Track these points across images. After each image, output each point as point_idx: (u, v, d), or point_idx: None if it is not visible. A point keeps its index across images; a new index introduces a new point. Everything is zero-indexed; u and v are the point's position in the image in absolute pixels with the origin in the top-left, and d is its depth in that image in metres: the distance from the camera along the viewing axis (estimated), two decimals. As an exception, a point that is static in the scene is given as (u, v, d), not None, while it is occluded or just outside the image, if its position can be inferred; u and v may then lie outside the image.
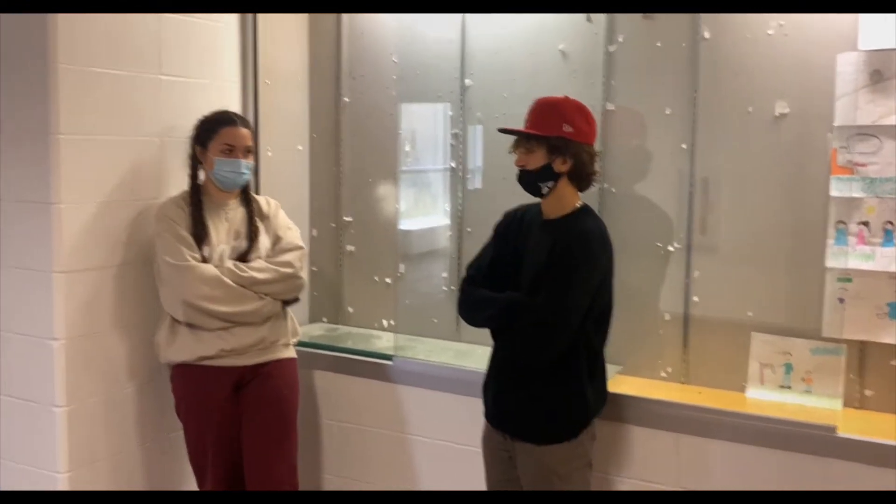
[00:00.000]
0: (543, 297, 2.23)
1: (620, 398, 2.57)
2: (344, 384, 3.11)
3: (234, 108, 3.08)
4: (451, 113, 3.17)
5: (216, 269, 2.61)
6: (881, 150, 2.42)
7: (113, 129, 2.69)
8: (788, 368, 2.61)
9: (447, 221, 3.23)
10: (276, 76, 3.30)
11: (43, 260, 2.57)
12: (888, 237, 2.44)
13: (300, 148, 3.47)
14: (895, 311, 2.46)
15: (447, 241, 3.23)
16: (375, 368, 3.04)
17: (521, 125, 2.34)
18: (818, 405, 2.54)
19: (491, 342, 2.46)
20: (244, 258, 2.70)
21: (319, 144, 3.48)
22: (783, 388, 2.61)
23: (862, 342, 2.54)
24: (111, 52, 2.66)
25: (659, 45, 2.75)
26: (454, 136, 3.17)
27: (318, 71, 3.46)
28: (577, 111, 2.31)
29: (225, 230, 2.71)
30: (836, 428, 2.36)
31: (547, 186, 2.31)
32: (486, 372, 2.49)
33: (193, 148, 2.72)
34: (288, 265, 2.73)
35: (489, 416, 2.48)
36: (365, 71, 3.35)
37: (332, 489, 3.17)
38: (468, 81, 3.11)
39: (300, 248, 2.80)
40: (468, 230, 3.16)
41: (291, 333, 2.85)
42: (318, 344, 3.21)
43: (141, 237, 2.77)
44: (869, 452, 2.30)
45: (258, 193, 3.16)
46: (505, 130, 2.37)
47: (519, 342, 2.29)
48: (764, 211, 2.65)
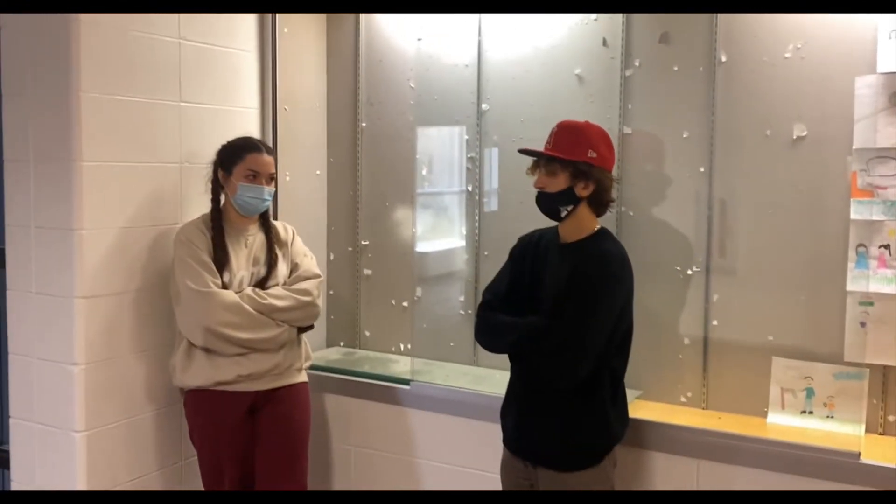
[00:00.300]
0: (567, 320, 2.21)
1: (640, 423, 2.55)
2: (361, 409, 3.10)
3: (252, 133, 3.11)
4: (467, 137, 3.18)
5: (237, 295, 2.63)
6: (901, 172, 2.40)
7: (134, 155, 2.72)
8: (810, 393, 2.58)
9: (463, 244, 3.23)
10: (294, 102, 3.34)
11: (65, 286, 2.60)
12: (910, 260, 2.42)
13: (318, 173, 3.50)
14: (918, 335, 2.44)
15: (464, 264, 3.23)
16: (392, 393, 3.03)
17: (537, 148, 2.34)
18: (840, 431, 2.51)
19: (508, 367, 2.45)
20: (262, 284, 2.72)
21: (337, 169, 3.51)
22: (804, 413, 2.58)
23: (885, 366, 2.51)
24: (132, 79, 2.70)
25: (676, 68, 2.75)
26: (470, 159, 3.18)
27: (335, 97, 3.49)
28: (601, 137, 2.31)
29: (245, 256, 2.73)
30: (859, 454, 2.32)
31: (566, 210, 2.30)
32: (504, 397, 2.48)
33: (216, 172, 2.73)
34: (306, 293, 2.74)
35: (509, 442, 2.45)
36: (382, 97, 3.38)
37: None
38: (485, 106, 3.12)
39: (318, 276, 2.83)
40: (485, 253, 3.16)
41: (304, 358, 2.86)
42: (335, 368, 3.21)
43: (160, 262, 2.79)
44: (893, 479, 2.26)
45: (276, 218, 3.19)
46: (527, 152, 2.36)
47: (544, 367, 2.26)
48: (783, 234, 2.63)
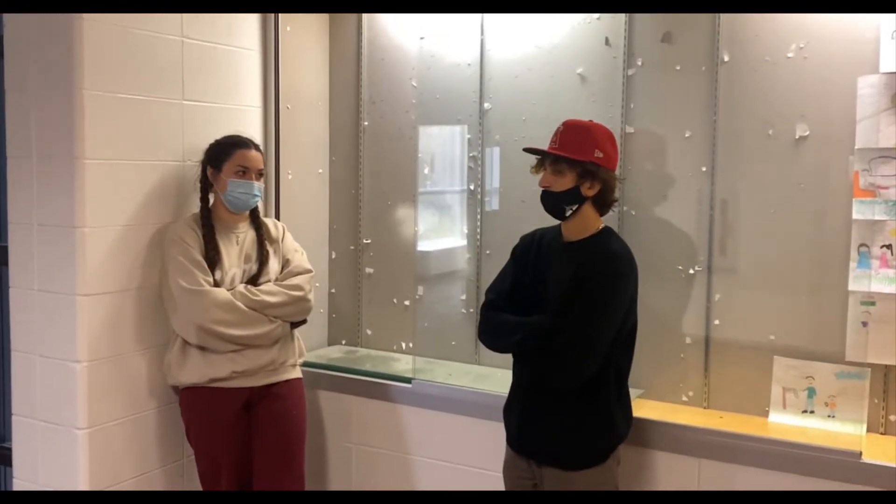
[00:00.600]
0: (574, 319, 2.21)
1: (642, 422, 2.55)
2: (362, 407, 3.11)
3: (255, 132, 3.12)
4: (469, 136, 3.19)
5: (229, 293, 2.64)
6: (904, 172, 2.41)
7: (136, 153, 2.73)
8: (811, 393, 2.58)
9: (465, 243, 3.23)
10: (296, 101, 3.34)
11: (67, 283, 2.60)
12: (912, 260, 2.42)
13: (320, 171, 3.50)
14: (920, 335, 2.44)
15: (465, 263, 3.23)
16: (394, 391, 3.04)
17: (540, 147, 2.34)
18: (842, 430, 2.51)
19: (510, 366, 2.45)
20: (254, 281, 2.74)
21: (339, 168, 3.51)
22: (806, 412, 2.58)
23: (886, 366, 2.51)
24: (135, 77, 2.70)
25: (678, 68, 2.76)
26: (472, 158, 3.19)
27: (338, 95, 3.49)
28: (607, 137, 2.32)
29: (236, 253, 2.74)
30: (860, 453, 2.32)
31: (571, 209, 2.30)
32: (508, 396, 2.48)
33: (205, 171, 2.76)
34: (298, 288, 2.77)
35: (513, 441, 2.45)
36: (384, 95, 3.38)
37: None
38: (487, 105, 3.13)
39: (309, 271, 2.85)
40: (486, 252, 3.16)
41: (298, 354, 2.88)
42: (337, 366, 3.22)
43: (162, 260, 2.79)
44: (894, 478, 2.27)
45: (278, 217, 3.20)
46: (533, 151, 2.36)
47: (550, 367, 2.26)
48: (785, 234, 2.63)
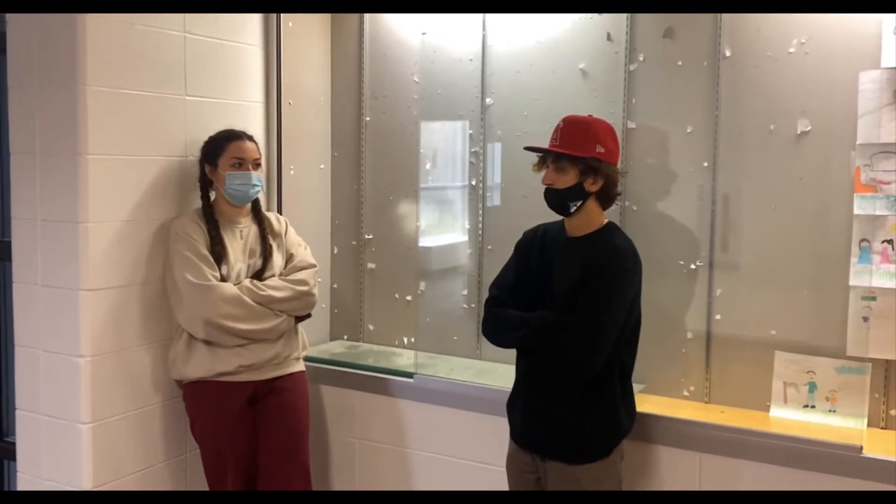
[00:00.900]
0: (580, 314, 2.22)
1: (644, 417, 2.56)
2: (364, 402, 3.12)
3: (257, 127, 3.12)
4: (471, 131, 3.19)
5: (236, 287, 2.66)
6: (905, 168, 2.41)
7: (139, 148, 2.73)
8: (812, 387, 2.59)
9: (467, 239, 3.24)
10: (298, 96, 3.34)
11: (70, 278, 2.61)
12: (913, 255, 2.43)
13: (322, 167, 3.51)
14: (921, 329, 2.44)
15: (467, 258, 3.24)
16: (396, 386, 3.04)
17: (541, 143, 2.35)
18: (843, 425, 2.51)
19: (512, 361, 2.46)
20: (259, 276, 2.76)
21: (341, 163, 3.51)
22: (807, 407, 2.59)
23: (887, 361, 2.52)
24: (138, 73, 2.70)
25: (680, 63, 2.76)
26: (474, 154, 3.19)
27: (340, 91, 3.50)
28: (607, 132, 2.32)
29: (240, 248, 2.76)
30: (861, 448, 2.33)
31: (575, 205, 2.31)
32: (511, 391, 2.48)
33: (203, 168, 2.78)
34: (303, 283, 2.79)
35: (517, 436, 2.45)
36: (386, 91, 3.39)
37: (352, 507, 3.18)
38: (489, 100, 3.13)
39: (313, 265, 2.87)
40: (488, 248, 3.17)
41: (301, 347, 2.91)
42: (338, 361, 3.22)
43: (165, 255, 2.80)
44: (894, 473, 2.28)
45: (280, 211, 3.20)
46: (535, 149, 2.37)
47: (556, 362, 2.26)
48: (786, 229, 2.64)
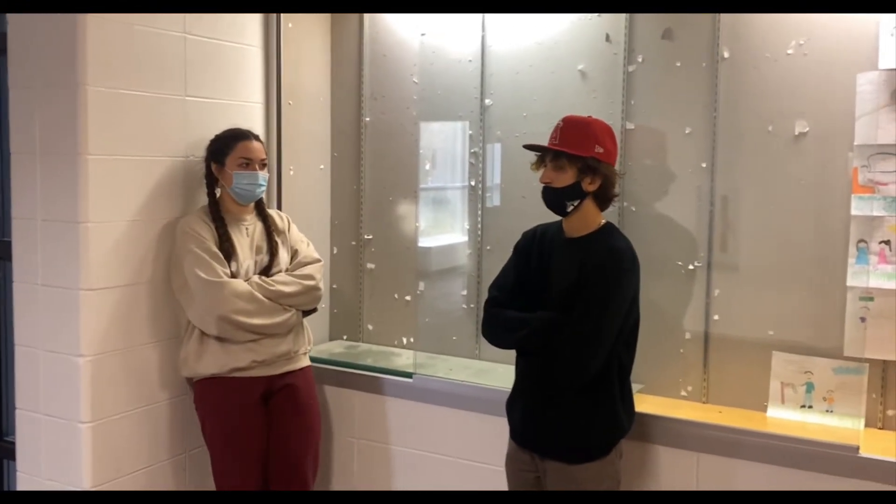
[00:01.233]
0: (580, 314, 2.23)
1: (642, 417, 2.56)
2: (364, 401, 3.12)
3: (257, 127, 3.12)
4: (470, 132, 3.20)
5: (247, 283, 2.69)
6: (902, 169, 2.42)
7: (140, 149, 2.74)
8: (810, 388, 2.60)
9: (466, 239, 3.25)
10: (298, 97, 3.35)
11: (70, 278, 2.61)
12: (910, 256, 2.44)
13: (322, 167, 3.52)
14: (918, 330, 2.45)
15: (466, 258, 3.25)
16: (395, 386, 3.05)
17: (540, 144, 2.35)
18: (840, 425, 2.52)
19: (511, 361, 2.46)
20: (266, 272, 2.79)
21: (341, 163, 3.52)
22: (804, 407, 2.60)
23: (884, 361, 2.52)
24: (138, 74, 2.71)
25: (678, 64, 2.77)
26: (473, 154, 3.20)
27: (340, 92, 3.50)
28: (606, 133, 2.33)
29: (247, 245, 2.78)
30: (858, 448, 2.34)
31: (572, 205, 2.31)
32: (511, 391, 2.49)
33: (209, 166, 2.80)
34: (310, 278, 2.83)
35: (516, 435, 2.46)
36: (386, 92, 3.39)
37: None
38: (488, 101, 3.14)
39: (319, 260, 2.92)
40: (487, 248, 3.17)
41: (308, 342, 2.94)
42: (338, 361, 3.23)
43: (165, 255, 2.81)
44: (892, 473, 2.28)
45: (280, 210, 3.21)
46: (534, 147, 2.37)
47: (556, 363, 2.27)
48: (784, 229, 2.65)
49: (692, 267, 2.78)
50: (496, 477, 2.60)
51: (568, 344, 2.23)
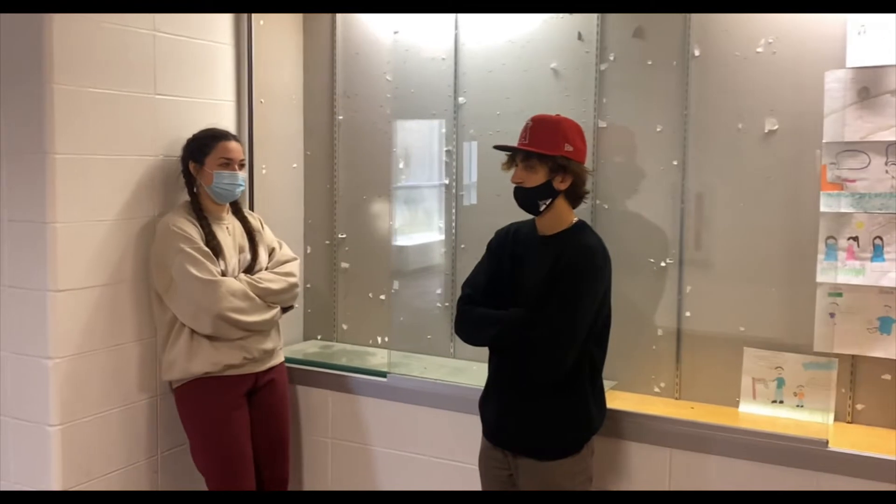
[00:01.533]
0: (552, 311, 2.24)
1: (614, 413, 2.58)
2: (338, 401, 3.11)
3: (229, 126, 3.09)
4: (444, 130, 3.19)
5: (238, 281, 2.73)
6: (869, 166, 2.45)
7: (108, 148, 2.70)
8: (780, 383, 2.63)
9: (441, 238, 3.24)
10: (270, 95, 3.33)
11: (38, 279, 2.57)
12: (877, 252, 2.47)
13: (295, 166, 3.49)
14: (885, 325, 2.48)
15: (441, 257, 3.24)
16: (369, 385, 3.04)
17: (514, 142, 2.36)
18: (810, 419, 2.55)
19: (486, 359, 2.47)
20: (249, 270, 2.82)
21: (314, 162, 3.50)
22: (775, 402, 2.63)
23: (853, 356, 2.56)
24: (106, 71, 2.68)
25: (650, 63, 2.78)
26: (448, 153, 3.20)
27: (312, 90, 3.49)
28: (575, 131, 2.34)
29: (231, 244, 2.80)
30: (827, 442, 2.37)
31: (544, 204, 2.32)
32: (484, 388, 2.49)
33: (187, 165, 2.77)
34: (291, 275, 2.89)
35: (489, 433, 2.47)
36: (359, 90, 3.38)
37: (326, 506, 3.17)
38: (461, 99, 3.14)
39: (296, 258, 2.97)
40: (462, 246, 3.17)
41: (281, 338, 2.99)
42: (312, 361, 3.22)
43: (136, 256, 2.78)
44: (860, 466, 2.31)
45: (252, 209, 3.19)
46: (504, 148, 2.37)
47: (528, 359, 2.27)
48: (755, 226, 2.67)
49: (664, 264, 2.80)
50: (471, 476, 2.60)
51: (541, 340, 2.24)
